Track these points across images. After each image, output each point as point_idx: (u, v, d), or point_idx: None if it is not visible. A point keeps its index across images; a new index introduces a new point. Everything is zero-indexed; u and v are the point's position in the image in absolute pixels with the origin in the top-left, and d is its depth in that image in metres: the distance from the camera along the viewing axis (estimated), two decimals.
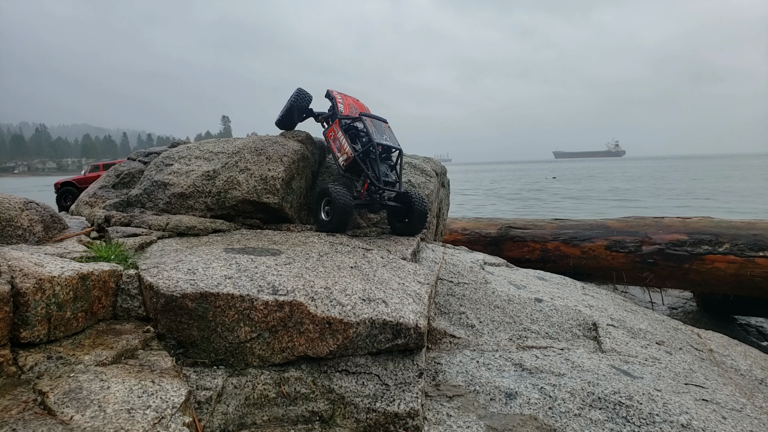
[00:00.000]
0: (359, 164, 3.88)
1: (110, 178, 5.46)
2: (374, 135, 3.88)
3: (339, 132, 4.04)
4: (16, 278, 2.28)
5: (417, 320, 2.77)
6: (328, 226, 3.83)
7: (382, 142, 3.92)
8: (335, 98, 4.37)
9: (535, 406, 2.62)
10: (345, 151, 3.95)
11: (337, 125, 4.09)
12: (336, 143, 4.06)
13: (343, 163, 3.98)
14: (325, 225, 3.87)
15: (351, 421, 2.48)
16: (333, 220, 3.76)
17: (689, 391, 2.93)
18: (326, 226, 3.85)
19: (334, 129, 4.13)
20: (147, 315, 2.81)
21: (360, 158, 3.86)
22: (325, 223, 3.86)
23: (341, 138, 4.00)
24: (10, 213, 3.36)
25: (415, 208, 3.94)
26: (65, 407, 1.94)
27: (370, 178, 3.86)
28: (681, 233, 6.47)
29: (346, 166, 3.95)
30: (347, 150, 3.93)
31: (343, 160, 3.95)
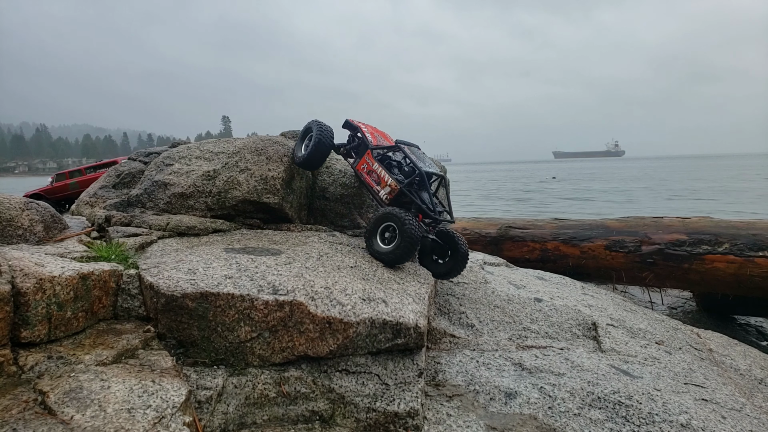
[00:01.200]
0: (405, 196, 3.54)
1: (110, 178, 5.46)
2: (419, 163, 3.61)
3: (375, 163, 3.72)
4: (16, 278, 2.28)
5: (417, 320, 2.77)
6: (388, 256, 3.32)
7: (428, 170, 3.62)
8: (360, 128, 4.05)
9: (534, 406, 2.62)
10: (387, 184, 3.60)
11: (370, 157, 3.77)
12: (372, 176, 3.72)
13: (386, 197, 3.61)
14: (383, 255, 3.36)
15: (351, 421, 2.49)
16: (397, 252, 3.25)
17: (689, 391, 2.93)
18: (384, 257, 3.35)
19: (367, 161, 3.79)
20: (147, 315, 2.82)
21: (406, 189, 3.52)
22: (384, 253, 3.35)
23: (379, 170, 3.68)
24: (10, 213, 3.36)
25: (460, 249, 3.56)
26: (66, 407, 1.94)
27: (423, 210, 3.48)
28: (680, 233, 6.47)
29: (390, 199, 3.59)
30: (390, 182, 3.59)
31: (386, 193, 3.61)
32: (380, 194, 3.66)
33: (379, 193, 3.67)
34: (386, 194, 3.61)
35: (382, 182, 3.64)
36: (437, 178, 3.75)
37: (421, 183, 3.60)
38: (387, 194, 3.61)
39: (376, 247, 3.39)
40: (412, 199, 3.51)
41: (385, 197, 3.63)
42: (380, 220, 3.38)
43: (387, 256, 3.33)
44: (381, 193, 3.65)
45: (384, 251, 3.34)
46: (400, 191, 3.53)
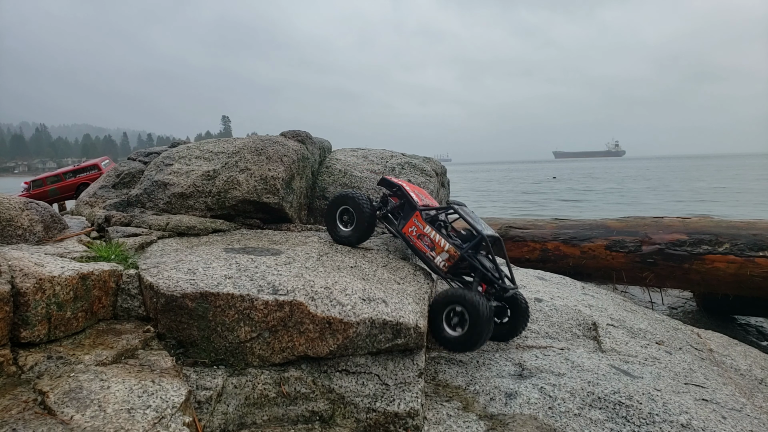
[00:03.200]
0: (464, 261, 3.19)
1: (110, 178, 5.46)
2: (477, 225, 3.26)
3: (426, 226, 3.33)
4: (16, 278, 2.28)
5: (417, 320, 2.77)
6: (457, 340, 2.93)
7: (489, 233, 3.25)
8: (402, 186, 3.65)
9: (535, 406, 2.62)
10: (444, 249, 3.21)
11: (420, 219, 3.37)
12: (424, 240, 3.31)
13: (444, 264, 3.22)
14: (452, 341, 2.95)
15: (351, 421, 2.49)
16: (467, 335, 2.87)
17: (689, 391, 2.93)
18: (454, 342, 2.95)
19: (416, 224, 3.38)
20: (147, 315, 2.82)
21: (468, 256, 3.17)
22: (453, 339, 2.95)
23: (432, 234, 3.28)
24: (10, 213, 3.36)
25: (520, 304, 3.24)
26: (65, 407, 1.94)
27: (490, 279, 3.14)
28: (681, 233, 6.47)
29: (449, 266, 3.21)
30: (447, 247, 3.20)
31: (444, 260, 3.21)
32: (436, 261, 3.26)
33: (434, 260, 3.26)
34: (444, 261, 3.23)
35: (437, 247, 3.25)
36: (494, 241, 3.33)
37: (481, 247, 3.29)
38: (445, 261, 3.23)
39: (444, 335, 2.97)
40: (475, 266, 3.15)
41: (442, 264, 3.24)
42: (446, 303, 2.95)
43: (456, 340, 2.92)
44: (437, 260, 3.25)
45: (452, 337, 2.94)
46: (460, 257, 3.17)
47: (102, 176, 5.69)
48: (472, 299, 2.84)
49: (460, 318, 2.92)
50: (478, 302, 2.82)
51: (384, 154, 5.57)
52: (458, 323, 2.93)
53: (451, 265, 3.21)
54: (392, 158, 5.41)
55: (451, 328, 2.95)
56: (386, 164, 5.25)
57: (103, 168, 14.55)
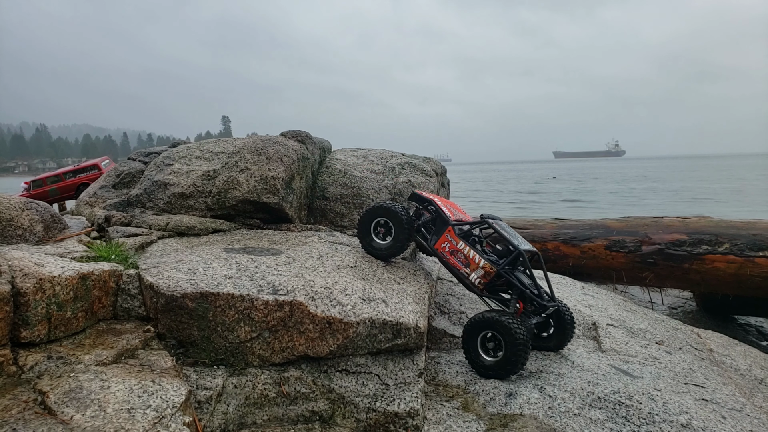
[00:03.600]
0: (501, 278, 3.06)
1: (110, 178, 5.46)
2: (514, 240, 3.13)
3: (459, 242, 3.18)
4: (16, 278, 2.28)
5: (417, 320, 2.77)
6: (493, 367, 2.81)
7: (526, 248, 3.12)
8: (434, 201, 3.51)
9: (535, 406, 2.62)
10: (479, 265, 3.05)
11: (452, 235, 3.23)
12: (458, 256, 3.16)
13: (479, 281, 3.08)
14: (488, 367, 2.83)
15: (351, 421, 2.49)
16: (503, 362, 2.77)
17: (689, 391, 2.93)
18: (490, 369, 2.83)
19: (448, 239, 3.24)
20: (147, 315, 2.82)
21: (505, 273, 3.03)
22: (489, 365, 2.83)
23: (466, 249, 3.13)
24: (10, 213, 3.36)
25: (566, 321, 3.12)
26: (65, 407, 1.94)
27: (529, 296, 3.00)
28: (681, 233, 6.47)
29: (485, 284, 3.07)
30: (482, 264, 3.04)
31: (479, 276, 3.06)
32: (471, 278, 3.12)
33: (469, 277, 3.12)
34: (479, 278, 3.08)
35: (471, 264, 3.10)
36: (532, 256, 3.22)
37: (518, 263, 3.15)
38: (480, 278, 3.08)
39: (480, 361, 2.86)
40: (512, 282, 3.01)
41: (477, 281, 3.09)
42: (478, 328, 2.85)
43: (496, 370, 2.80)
44: (472, 277, 3.11)
45: (487, 364, 2.82)
46: (497, 274, 3.03)
47: (102, 176, 5.69)
48: (507, 325, 2.72)
49: (496, 343, 2.81)
50: (514, 328, 2.71)
51: (384, 154, 5.57)
52: (494, 348, 2.83)
53: (487, 282, 3.07)
54: (392, 158, 5.41)
55: (487, 354, 2.85)
56: (386, 164, 5.25)
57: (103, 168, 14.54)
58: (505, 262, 3.06)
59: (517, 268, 3.16)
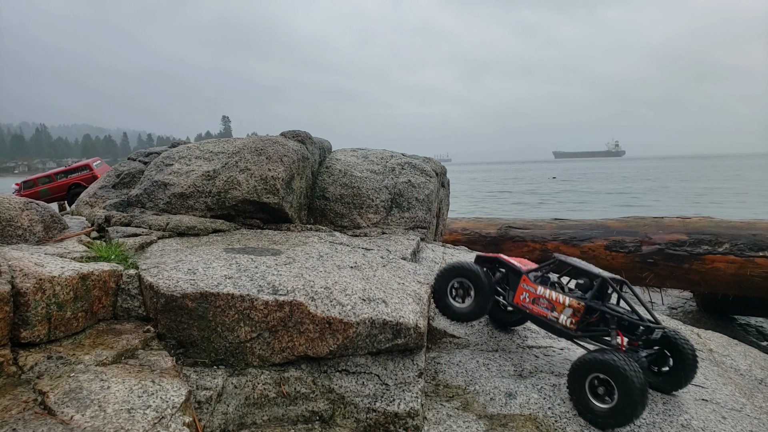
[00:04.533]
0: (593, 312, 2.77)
1: (110, 178, 5.46)
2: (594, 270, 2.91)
3: (539, 287, 2.95)
4: (16, 278, 2.28)
5: (417, 320, 2.77)
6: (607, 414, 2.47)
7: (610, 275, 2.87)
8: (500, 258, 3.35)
9: (535, 406, 2.62)
10: (566, 305, 2.80)
11: (528, 282, 3.03)
12: (541, 303, 2.93)
13: (570, 321, 2.78)
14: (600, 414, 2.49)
15: (351, 421, 2.49)
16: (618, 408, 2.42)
17: (689, 391, 2.93)
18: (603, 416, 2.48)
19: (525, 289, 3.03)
20: (147, 315, 2.82)
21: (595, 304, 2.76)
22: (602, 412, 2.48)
23: (547, 293, 2.89)
24: (10, 213, 3.36)
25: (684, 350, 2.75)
26: (65, 407, 1.94)
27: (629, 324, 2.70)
28: (681, 233, 6.48)
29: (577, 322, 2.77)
30: (568, 302, 2.79)
31: (569, 316, 2.79)
32: (561, 321, 2.83)
33: (558, 320, 2.84)
34: (569, 318, 2.80)
35: (557, 306, 2.85)
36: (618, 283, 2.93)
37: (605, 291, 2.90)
38: (570, 317, 2.79)
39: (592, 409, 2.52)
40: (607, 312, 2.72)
41: (568, 322, 2.80)
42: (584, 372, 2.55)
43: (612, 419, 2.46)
44: (561, 320, 2.82)
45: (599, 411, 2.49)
46: (587, 308, 2.74)
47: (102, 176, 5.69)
48: (614, 363, 2.40)
49: (607, 387, 2.49)
50: (622, 365, 2.38)
51: (384, 154, 5.58)
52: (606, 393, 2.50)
53: (578, 321, 2.78)
54: (392, 158, 5.41)
55: (598, 400, 2.52)
56: (386, 164, 5.25)
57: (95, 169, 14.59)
58: (592, 293, 2.79)
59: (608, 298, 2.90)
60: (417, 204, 4.87)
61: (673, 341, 2.78)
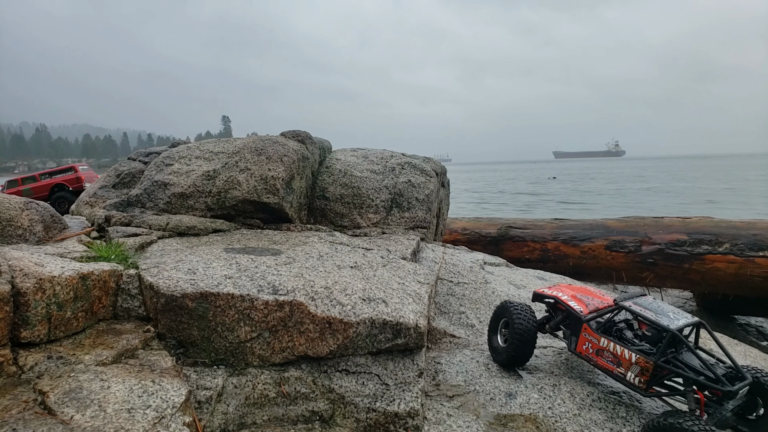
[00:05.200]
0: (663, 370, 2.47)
1: (110, 178, 5.46)
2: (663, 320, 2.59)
3: (602, 339, 2.68)
4: (16, 278, 2.28)
5: (417, 320, 2.77)
6: None
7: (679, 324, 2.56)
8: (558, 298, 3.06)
9: (535, 406, 2.62)
10: (632, 362, 2.53)
11: (590, 332, 2.76)
12: (605, 356, 2.66)
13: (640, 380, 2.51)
14: None
15: (351, 421, 2.49)
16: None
17: None
18: None
19: (588, 339, 2.76)
20: (147, 315, 2.82)
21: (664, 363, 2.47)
22: None
23: (611, 346, 2.63)
24: (10, 213, 3.36)
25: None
26: (65, 407, 1.94)
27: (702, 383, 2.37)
28: (681, 233, 6.48)
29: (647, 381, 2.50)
30: (635, 359, 2.52)
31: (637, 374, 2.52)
32: (629, 378, 2.57)
33: (626, 378, 2.58)
34: (637, 377, 2.53)
35: (623, 361, 2.59)
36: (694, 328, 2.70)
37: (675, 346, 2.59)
38: (639, 376, 2.52)
39: None
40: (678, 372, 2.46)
41: (637, 381, 2.53)
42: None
43: None
44: (629, 377, 2.56)
45: None
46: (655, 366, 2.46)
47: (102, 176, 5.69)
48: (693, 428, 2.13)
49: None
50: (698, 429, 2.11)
51: (384, 154, 5.58)
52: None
53: (648, 380, 2.52)
54: (392, 158, 5.41)
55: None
56: (386, 164, 5.25)
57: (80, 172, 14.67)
58: (660, 352, 2.50)
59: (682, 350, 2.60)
60: (417, 204, 4.87)
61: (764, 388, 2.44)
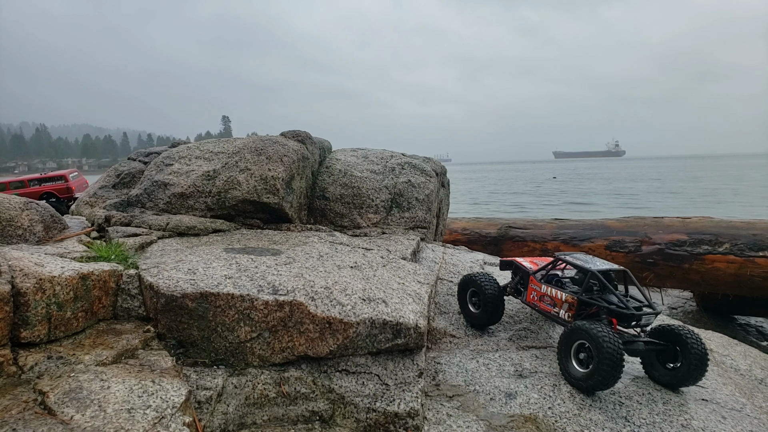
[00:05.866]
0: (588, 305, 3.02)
1: (110, 178, 5.46)
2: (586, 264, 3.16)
3: (542, 286, 3.30)
4: (16, 278, 2.28)
5: (417, 320, 2.77)
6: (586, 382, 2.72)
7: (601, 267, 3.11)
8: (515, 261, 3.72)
9: (534, 406, 2.62)
10: (563, 300, 3.13)
11: (534, 282, 3.39)
12: (545, 300, 3.28)
13: (567, 315, 3.12)
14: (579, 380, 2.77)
15: (351, 421, 2.49)
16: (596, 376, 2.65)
17: (689, 391, 2.93)
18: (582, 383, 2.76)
19: (534, 288, 3.39)
20: (147, 315, 2.82)
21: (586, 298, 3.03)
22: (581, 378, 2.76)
23: (548, 290, 3.25)
24: (10, 213, 3.36)
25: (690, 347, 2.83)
26: (65, 407, 1.94)
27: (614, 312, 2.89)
28: (681, 233, 6.48)
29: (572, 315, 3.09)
30: (564, 297, 3.12)
31: (566, 310, 3.14)
32: (561, 315, 3.17)
33: (559, 315, 3.18)
34: (566, 312, 3.13)
35: (557, 302, 3.18)
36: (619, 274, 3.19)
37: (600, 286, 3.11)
38: (567, 311, 3.13)
39: (572, 372, 2.82)
40: (597, 304, 2.98)
41: (566, 316, 3.13)
42: (570, 339, 2.84)
43: (584, 381, 2.72)
44: (561, 314, 3.16)
45: (580, 376, 2.76)
46: (580, 302, 3.03)
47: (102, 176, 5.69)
48: (596, 332, 2.64)
49: (588, 354, 2.76)
50: (602, 335, 2.61)
51: (384, 154, 5.58)
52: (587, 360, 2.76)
53: (574, 314, 3.08)
54: (392, 158, 5.41)
55: (582, 367, 2.79)
56: (386, 164, 5.25)
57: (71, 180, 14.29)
58: (583, 289, 3.07)
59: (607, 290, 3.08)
60: (417, 204, 4.87)
61: (683, 339, 2.86)
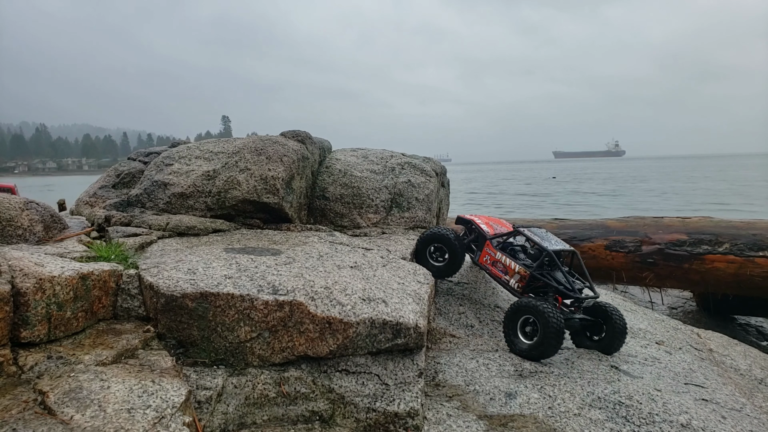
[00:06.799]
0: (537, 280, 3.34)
1: (110, 178, 5.46)
2: (544, 243, 3.41)
3: (497, 253, 3.55)
4: (16, 278, 2.28)
5: (417, 320, 2.77)
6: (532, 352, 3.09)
7: (556, 248, 3.37)
8: (473, 221, 3.94)
9: (535, 406, 2.62)
10: (515, 271, 3.40)
11: (490, 247, 3.63)
12: (498, 266, 3.54)
13: (517, 285, 3.41)
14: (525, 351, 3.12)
15: (351, 421, 2.49)
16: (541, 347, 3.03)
17: (689, 391, 2.93)
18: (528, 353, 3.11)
19: (488, 252, 3.63)
20: (147, 315, 2.82)
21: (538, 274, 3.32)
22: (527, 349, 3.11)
23: (503, 258, 3.50)
24: (10, 213, 3.36)
25: (614, 323, 3.28)
26: (65, 407, 1.94)
27: (561, 291, 3.24)
28: (681, 233, 6.48)
29: (522, 287, 3.39)
30: (518, 269, 3.38)
31: (516, 281, 3.41)
32: (510, 283, 3.46)
33: (509, 283, 3.47)
34: (516, 282, 3.41)
35: (509, 271, 3.45)
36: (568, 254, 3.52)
37: (551, 263, 3.39)
38: (518, 282, 3.41)
39: (518, 344, 3.14)
40: (546, 282, 3.30)
41: (516, 286, 3.43)
42: (517, 313, 3.16)
43: (531, 352, 3.08)
44: (511, 282, 3.46)
45: (527, 347, 3.10)
46: (531, 276, 3.32)
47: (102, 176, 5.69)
48: (543, 309, 2.97)
49: (533, 327, 3.08)
50: (548, 312, 2.94)
51: (384, 154, 5.57)
52: (532, 332, 3.10)
53: (524, 285, 3.37)
54: (392, 158, 5.41)
55: (527, 338, 3.14)
56: (386, 164, 5.25)
57: None
58: (537, 264, 3.34)
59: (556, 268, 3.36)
60: (417, 204, 4.87)
61: (609, 315, 3.31)
